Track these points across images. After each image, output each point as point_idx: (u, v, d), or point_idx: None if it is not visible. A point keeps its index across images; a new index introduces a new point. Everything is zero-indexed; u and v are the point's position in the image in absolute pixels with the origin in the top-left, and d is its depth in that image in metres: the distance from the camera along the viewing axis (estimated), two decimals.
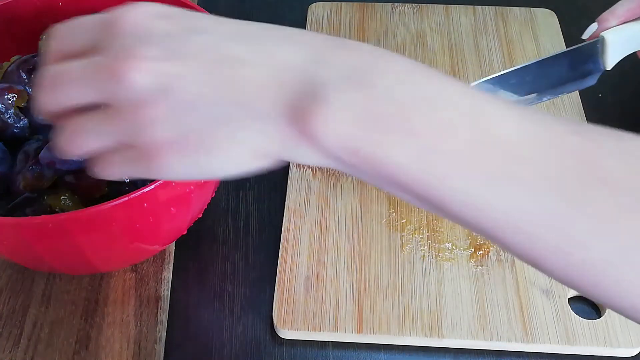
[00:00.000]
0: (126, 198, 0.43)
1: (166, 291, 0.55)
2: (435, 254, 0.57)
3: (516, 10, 0.80)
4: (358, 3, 0.81)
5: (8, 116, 0.51)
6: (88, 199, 0.49)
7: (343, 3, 0.80)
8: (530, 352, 0.52)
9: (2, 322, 0.53)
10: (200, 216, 0.56)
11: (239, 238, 0.60)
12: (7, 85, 0.52)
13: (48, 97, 0.33)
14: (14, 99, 0.51)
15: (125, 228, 0.47)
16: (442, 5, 0.80)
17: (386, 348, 0.53)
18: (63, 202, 0.48)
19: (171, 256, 0.58)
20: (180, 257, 0.58)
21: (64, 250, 0.47)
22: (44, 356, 0.51)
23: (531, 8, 0.80)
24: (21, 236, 0.45)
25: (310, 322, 0.53)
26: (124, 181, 0.49)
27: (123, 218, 0.45)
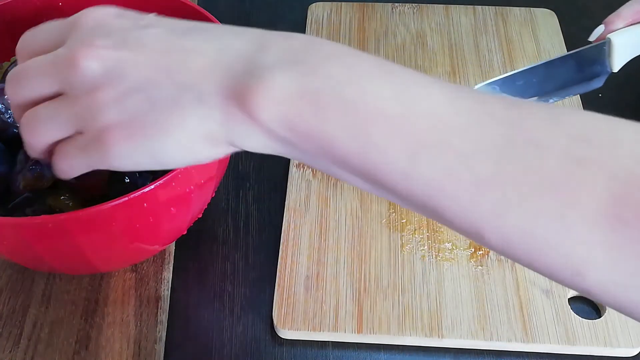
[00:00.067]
0: (126, 198, 0.43)
1: (166, 291, 0.55)
2: (435, 254, 0.57)
3: (516, 10, 0.80)
4: (358, 3, 0.81)
5: (8, 116, 0.51)
6: (88, 199, 0.49)
7: (343, 3, 0.80)
8: (530, 352, 0.52)
9: (2, 322, 0.53)
10: (200, 216, 0.56)
11: (239, 238, 0.60)
12: None
13: (13, 91, 0.36)
14: None
15: (125, 228, 0.47)
16: (442, 5, 0.80)
17: (386, 348, 0.53)
18: (63, 202, 0.48)
19: (171, 256, 0.58)
20: (180, 257, 0.58)
21: (64, 250, 0.47)
22: (44, 356, 0.51)
23: (531, 8, 0.80)
24: (21, 236, 0.45)
25: (310, 322, 0.53)
26: (124, 181, 0.49)
27: (123, 218, 0.45)
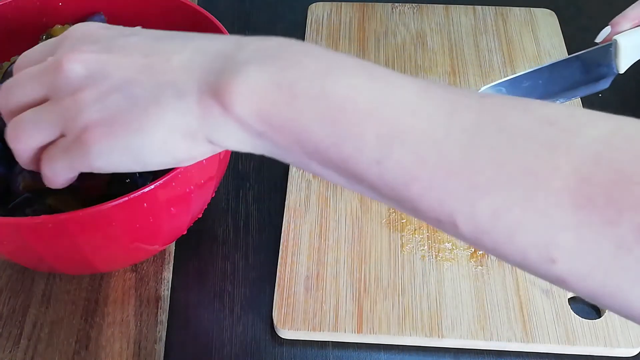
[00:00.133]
0: (126, 198, 0.43)
1: (166, 291, 0.55)
2: (435, 254, 0.57)
3: (516, 10, 0.80)
4: (358, 3, 0.81)
5: None
6: (88, 199, 0.49)
7: (343, 3, 0.80)
8: (530, 352, 0.52)
9: (2, 322, 0.53)
10: (200, 216, 0.56)
11: (239, 238, 0.60)
12: None
13: (4, 99, 0.38)
14: None
15: (125, 228, 0.47)
16: (442, 5, 0.80)
17: (386, 348, 0.53)
18: (63, 202, 0.48)
19: (171, 256, 0.58)
20: (180, 257, 0.58)
21: (64, 250, 0.47)
22: (44, 356, 0.51)
23: (531, 8, 0.80)
24: (21, 236, 0.45)
25: (310, 322, 0.53)
26: (124, 181, 0.49)
27: (123, 218, 0.45)
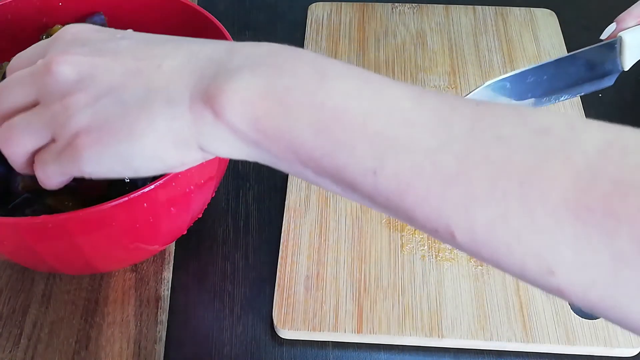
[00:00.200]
0: (126, 198, 0.43)
1: (166, 291, 0.55)
2: (435, 254, 0.57)
3: (516, 10, 0.80)
4: (358, 3, 0.81)
5: None
6: (88, 199, 0.49)
7: (343, 3, 0.80)
8: (530, 352, 0.52)
9: (2, 322, 0.53)
10: (200, 216, 0.56)
11: (239, 238, 0.60)
12: None
13: None
14: None
15: (125, 228, 0.47)
16: (442, 5, 0.80)
17: (386, 348, 0.53)
18: (63, 202, 0.48)
19: (171, 256, 0.58)
20: (180, 257, 0.58)
21: (64, 250, 0.47)
22: (44, 356, 0.51)
23: (531, 8, 0.80)
24: (21, 236, 0.45)
25: (310, 322, 0.53)
26: (125, 181, 0.49)
27: (123, 218, 0.45)
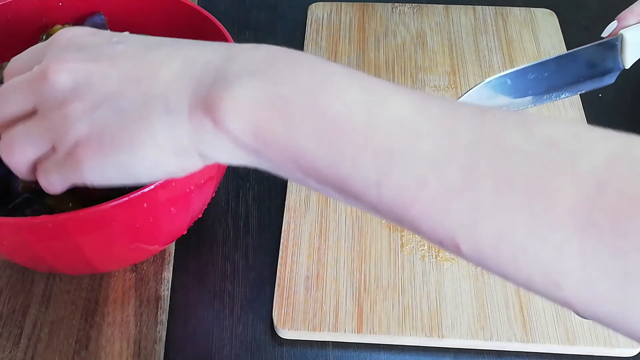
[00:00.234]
0: (126, 198, 0.43)
1: (166, 291, 0.55)
2: (435, 254, 0.57)
3: (516, 10, 0.80)
4: (358, 3, 0.81)
5: None
6: (88, 199, 0.49)
7: (343, 3, 0.80)
8: (530, 352, 0.52)
9: (2, 322, 0.53)
10: (200, 216, 0.56)
11: (239, 238, 0.60)
12: None
13: None
14: None
15: (125, 228, 0.47)
16: (442, 5, 0.80)
17: (386, 348, 0.53)
18: (63, 203, 0.48)
19: (171, 256, 0.58)
20: (180, 257, 0.58)
21: (64, 250, 0.47)
22: (44, 356, 0.51)
23: (531, 8, 0.80)
24: (21, 236, 0.45)
25: (310, 322, 0.53)
26: None
27: (123, 218, 0.45)
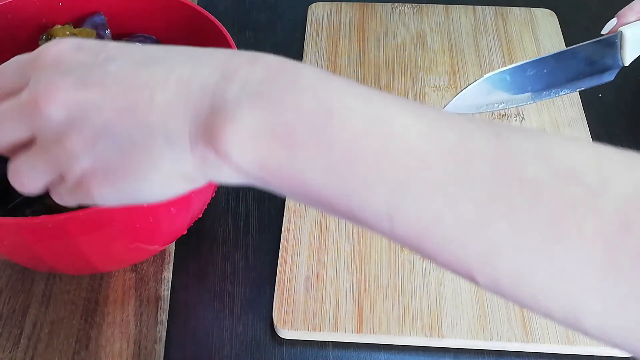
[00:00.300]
0: None
1: (166, 291, 0.55)
2: None
3: (516, 10, 0.80)
4: (358, 3, 0.81)
5: None
6: None
7: (343, 3, 0.80)
8: (530, 352, 0.52)
9: (2, 322, 0.53)
10: (200, 216, 0.56)
11: (239, 238, 0.60)
12: None
13: None
14: None
15: (125, 228, 0.47)
16: (442, 5, 0.80)
17: (386, 348, 0.53)
18: None
19: (171, 256, 0.58)
20: (180, 257, 0.58)
21: (64, 250, 0.47)
22: (44, 356, 0.51)
23: (531, 8, 0.80)
24: (21, 236, 0.45)
25: (310, 322, 0.53)
26: None
27: (123, 218, 0.45)
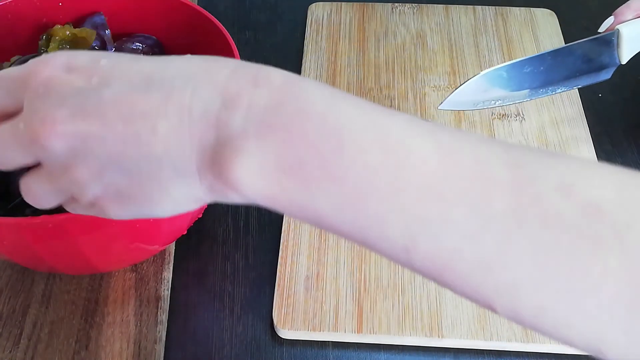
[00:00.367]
0: None
1: (166, 291, 0.55)
2: None
3: (516, 10, 0.80)
4: (358, 3, 0.81)
5: None
6: None
7: (343, 3, 0.80)
8: (530, 352, 0.52)
9: (2, 322, 0.53)
10: (200, 216, 0.56)
11: (239, 238, 0.60)
12: None
13: None
14: None
15: (125, 228, 0.47)
16: (442, 5, 0.80)
17: (386, 348, 0.53)
18: None
19: (171, 256, 0.58)
20: (180, 257, 0.58)
21: (64, 250, 0.47)
22: (44, 356, 0.51)
23: (531, 8, 0.80)
24: (21, 236, 0.45)
25: (310, 322, 0.53)
26: None
27: None
